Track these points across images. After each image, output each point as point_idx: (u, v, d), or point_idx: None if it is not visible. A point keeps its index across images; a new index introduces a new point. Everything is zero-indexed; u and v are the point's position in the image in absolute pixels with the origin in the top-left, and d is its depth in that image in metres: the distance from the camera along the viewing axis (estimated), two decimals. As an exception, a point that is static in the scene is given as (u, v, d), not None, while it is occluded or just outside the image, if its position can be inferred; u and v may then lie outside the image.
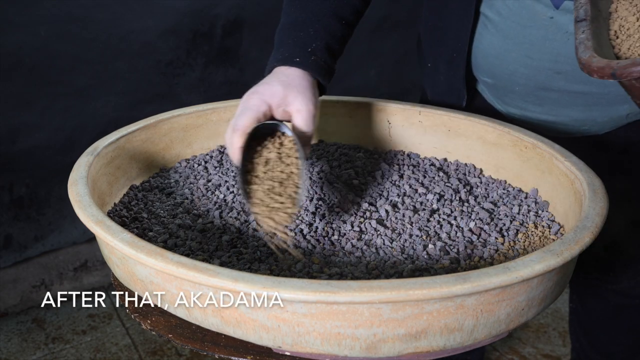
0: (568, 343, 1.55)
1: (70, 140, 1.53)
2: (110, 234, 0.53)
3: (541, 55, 0.77)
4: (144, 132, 0.79)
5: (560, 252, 0.50)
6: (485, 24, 0.81)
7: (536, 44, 0.76)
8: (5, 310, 1.64)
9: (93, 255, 1.73)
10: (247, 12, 1.64)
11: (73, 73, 1.46)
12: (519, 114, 0.86)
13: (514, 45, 0.78)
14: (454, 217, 0.68)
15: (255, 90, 0.65)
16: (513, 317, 0.52)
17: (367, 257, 0.59)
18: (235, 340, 0.53)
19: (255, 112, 0.62)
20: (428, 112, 0.84)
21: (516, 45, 0.78)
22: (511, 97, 0.84)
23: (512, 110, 0.87)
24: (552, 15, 0.74)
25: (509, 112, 0.87)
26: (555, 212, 0.69)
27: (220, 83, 1.69)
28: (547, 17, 0.74)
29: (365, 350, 0.49)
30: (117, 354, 1.51)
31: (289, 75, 0.66)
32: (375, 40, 1.94)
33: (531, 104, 0.83)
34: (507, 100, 0.86)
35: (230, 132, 0.62)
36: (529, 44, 0.77)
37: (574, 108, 0.81)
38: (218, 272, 0.47)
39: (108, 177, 0.72)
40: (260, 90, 0.65)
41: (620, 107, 0.79)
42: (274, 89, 0.65)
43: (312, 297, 0.45)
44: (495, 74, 0.83)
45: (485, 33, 0.81)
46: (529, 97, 0.82)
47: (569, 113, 0.82)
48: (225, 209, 0.70)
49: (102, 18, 1.44)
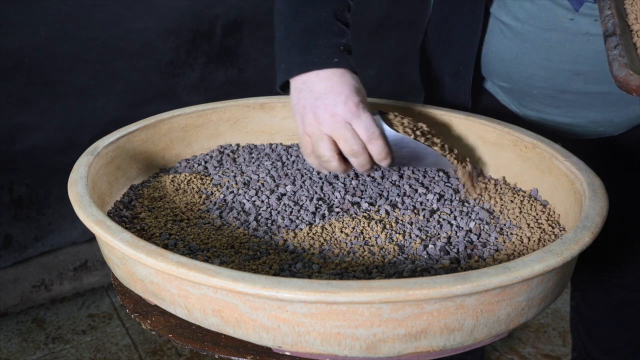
0: (568, 343, 1.55)
1: (70, 140, 1.53)
2: (110, 234, 0.53)
3: (561, 57, 0.77)
4: (144, 132, 0.79)
5: (560, 252, 0.50)
6: (501, 29, 0.81)
7: (556, 46, 0.76)
8: (5, 310, 1.64)
9: (93, 255, 1.73)
10: (247, 12, 1.64)
11: (73, 73, 1.46)
12: (536, 116, 0.86)
13: (533, 48, 0.78)
14: (454, 217, 0.68)
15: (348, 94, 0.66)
16: (513, 317, 0.52)
17: (367, 257, 0.59)
18: (235, 340, 0.53)
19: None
20: (428, 112, 0.84)
21: (535, 49, 0.78)
22: (528, 100, 0.84)
23: (528, 113, 0.87)
24: (572, 17, 0.74)
25: (525, 115, 0.88)
26: (555, 212, 0.69)
27: (220, 83, 1.69)
28: (567, 19, 0.74)
29: (365, 350, 0.49)
30: (117, 354, 1.51)
31: (342, 77, 0.67)
32: (375, 40, 1.94)
33: (548, 106, 0.83)
34: (524, 103, 0.86)
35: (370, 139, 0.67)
36: (548, 46, 0.77)
37: (592, 109, 0.81)
38: (218, 272, 0.47)
39: (108, 177, 0.72)
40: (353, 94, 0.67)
41: (637, 107, 0.80)
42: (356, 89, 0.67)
43: (312, 297, 0.45)
44: (513, 78, 0.83)
45: (502, 38, 0.81)
46: (547, 100, 0.82)
47: (587, 114, 0.82)
48: (225, 209, 0.70)
49: (102, 18, 1.44)
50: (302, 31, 0.69)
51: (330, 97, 0.65)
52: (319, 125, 0.66)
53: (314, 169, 0.78)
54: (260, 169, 0.80)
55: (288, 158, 0.83)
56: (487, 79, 0.89)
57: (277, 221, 0.67)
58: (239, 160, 0.84)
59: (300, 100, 0.68)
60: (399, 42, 2.00)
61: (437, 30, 0.91)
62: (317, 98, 0.66)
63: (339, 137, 0.66)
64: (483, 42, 0.84)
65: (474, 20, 0.82)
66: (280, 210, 0.69)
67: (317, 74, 0.67)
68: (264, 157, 0.84)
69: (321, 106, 0.66)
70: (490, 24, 0.83)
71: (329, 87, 0.66)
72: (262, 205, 0.70)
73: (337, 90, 0.66)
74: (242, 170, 0.80)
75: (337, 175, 0.77)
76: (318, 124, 0.66)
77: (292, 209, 0.69)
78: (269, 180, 0.76)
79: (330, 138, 0.67)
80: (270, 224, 0.66)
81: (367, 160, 0.68)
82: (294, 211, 0.69)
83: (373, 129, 0.66)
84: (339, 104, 0.65)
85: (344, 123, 0.66)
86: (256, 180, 0.76)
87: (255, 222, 0.66)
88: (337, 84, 0.66)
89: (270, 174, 0.77)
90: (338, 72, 0.67)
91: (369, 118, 0.66)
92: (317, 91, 0.66)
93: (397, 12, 1.95)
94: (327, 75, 0.66)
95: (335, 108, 0.65)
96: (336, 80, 0.66)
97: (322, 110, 0.66)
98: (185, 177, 0.76)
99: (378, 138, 0.66)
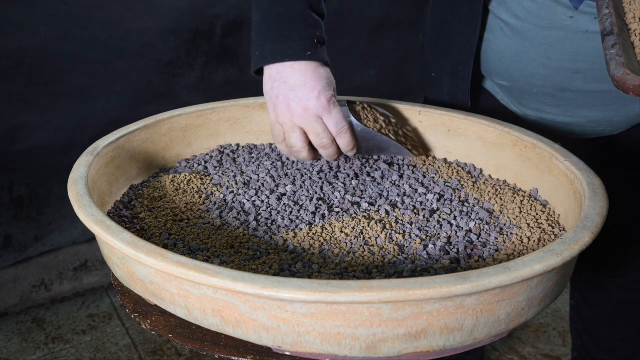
0: (568, 343, 1.55)
1: (70, 140, 1.53)
2: (110, 234, 0.53)
3: (560, 55, 0.77)
4: (144, 132, 0.79)
5: (560, 252, 0.50)
6: (501, 27, 0.81)
7: (555, 44, 0.76)
8: (5, 310, 1.64)
9: (93, 255, 1.73)
10: (247, 12, 1.64)
11: (73, 73, 1.46)
12: (535, 115, 0.86)
13: (533, 46, 0.78)
14: (454, 217, 0.68)
15: (321, 89, 0.69)
16: (513, 317, 0.52)
17: (367, 257, 0.59)
18: (235, 340, 0.53)
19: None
20: (428, 112, 0.84)
21: (535, 47, 0.78)
22: (528, 99, 0.84)
23: (528, 112, 0.87)
24: (572, 15, 0.74)
25: (525, 114, 0.88)
26: (555, 212, 0.69)
27: (220, 83, 1.69)
28: (567, 18, 0.74)
29: (365, 350, 0.49)
30: (117, 354, 1.51)
31: (315, 70, 0.70)
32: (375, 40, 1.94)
33: (548, 105, 0.83)
34: (523, 102, 0.86)
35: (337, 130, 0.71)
36: (548, 45, 0.77)
37: (591, 108, 0.81)
38: (218, 272, 0.47)
39: (108, 177, 0.72)
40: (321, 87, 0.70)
41: (636, 106, 0.80)
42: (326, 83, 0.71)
43: (312, 297, 0.45)
44: (513, 76, 0.83)
45: (501, 36, 0.81)
46: (546, 99, 0.82)
47: (586, 114, 0.82)
48: (225, 209, 0.70)
49: (102, 18, 1.44)
50: (278, 19, 0.71)
51: (303, 91, 0.69)
52: (291, 117, 0.70)
53: (313, 168, 0.79)
54: (260, 169, 0.80)
55: (288, 158, 0.83)
56: (486, 77, 0.89)
57: (277, 221, 0.67)
58: (239, 160, 0.84)
59: (273, 90, 0.71)
60: (399, 42, 2.00)
61: (436, 30, 0.91)
62: (291, 90, 0.69)
63: (310, 130, 0.71)
64: (482, 40, 0.84)
65: (473, 19, 0.82)
66: (280, 210, 0.69)
67: (291, 66, 0.69)
68: (264, 157, 0.84)
69: (295, 99, 0.69)
70: (490, 22, 0.83)
71: (302, 81, 0.69)
72: (262, 205, 0.70)
73: (311, 84, 0.69)
74: (242, 170, 0.80)
75: (337, 175, 0.77)
76: (291, 116, 0.70)
77: (292, 209, 0.69)
78: (269, 180, 0.76)
79: (302, 130, 0.71)
80: (270, 224, 0.66)
81: (335, 151, 0.73)
82: (294, 211, 0.69)
83: (342, 124, 0.71)
84: (312, 99, 0.69)
85: (316, 117, 0.70)
86: (256, 180, 0.76)
87: (255, 222, 0.66)
88: (310, 78, 0.69)
89: (270, 174, 0.77)
90: (312, 65, 0.69)
91: (339, 113, 0.71)
92: (291, 83, 0.69)
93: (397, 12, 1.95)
94: (301, 68, 0.69)
95: (308, 103, 0.69)
96: (310, 74, 0.69)
97: (295, 103, 0.69)
98: (185, 177, 0.76)
99: (346, 132, 0.72)
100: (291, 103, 0.69)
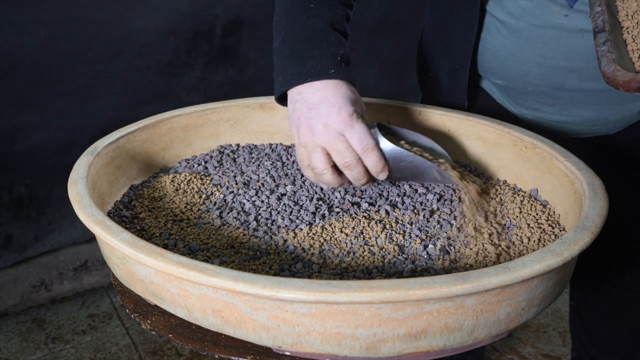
0: (568, 343, 1.55)
1: (70, 140, 1.53)
2: (110, 234, 0.53)
3: (555, 54, 0.77)
4: (144, 132, 0.79)
5: (560, 252, 0.50)
6: (497, 26, 0.81)
7: (550, 43, 0.76)
8: (5, 310, 1.64)
9: (93, 255, 1.73)
10: (247, 12, 1.64)
11: (73, 73, 1.46)
12: (531, 115, 0.86)
13: (528, 45, 0.78)
14: (454, 217, 0.68)
15: (347, 108, 0.65)
16: (513, 317, 0.52)
17: (367, 257, 0.59)
18: (235, 340, 0.53)
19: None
20: (428, 112, 0.84)
21: (530, 45, 0.78)
22: (523, 98, 0.85)
23: (524, 112, 0.87)
24: (567, 13, 0.74)
25: (521, 114, 0.88)
26: (555, 212, 0.69)
27: (220, 83, 1.69)
28: (562, 16, 0.75)
29: (365, 350, 0.49)
30: (117, 354, 1.51)
31: (336, 87, 0.66)
32: (375, 40, 1.94)
33: (544, 105, 0.83)
34: (519, 102, 0.86)
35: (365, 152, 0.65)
36: (542, 43, 0.77)
37: (587, 107, 0.81)
38: (218, 272, 0.47)
39: (108, 177, 0.72)
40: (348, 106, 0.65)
41: (632, 105, 0.80)
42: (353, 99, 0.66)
43: (312, 297, 0.45)
44: (508, 75, 0.83)
45: (497, 35, 0.81)
46: (542, 98, 0.82)
47: (582, 113, 0.82)
48: (225, 209, 0.70)
49: (102, 18, 1.44)
50: (299, 41, 0.68)
51: (323, 107, 0.64)
52: (312, 136, 0.65)
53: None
54: (260, 169, 0.80)
55: (288, 158, 0.83)
56: (483, 77, 0.89)
57: (277, 221, 0.67)
58: (239, 160, 0.84)
59: (295, 111, 0.67)
60: (399, 42, 2.00)
61: (433, 30, 0.91)
62: (310, 109, 0.65)
63: (332, 149, 0.65)
64: (479, 40, 0.84)
65: (470, 18, 0.82)
66: (280, 210, 0.69)
67: (311, 85, 0.66)
68: (264, 157, 0.84)
69: (314, 117, 0.64)
70: (486, 21, 0.83)
71: (322, 98, 0.65)
72: (262, 205, 0.70)
73: (331, 100, 0.64)
74: (242, 170, 0.80)
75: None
76: (312, 135, 0.65)
77: (292, 209, 0.69)
78: (269, 180, 0.76)
79: (324, 150, 0.65)
80: (270, 224, 0.66)
81: (362, 173, 0.66)
82: (294, 211, 0.69)
83: (367, 140, 0.64)
84: (332, 114, 0.64)
85: (337, 134, 0.64)
86: (256, 180, 0.76)
87: (255, 222, 0.66)
88: (330, 95, 0.65)
89: (270, 174, 0.77)
90: (332, 83, 0.65)
91: (363, 129, 0.64)
92: (311, 102, 0.65)
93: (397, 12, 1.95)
94: (321, 86, 0.65)
95: (328, 119, 0.64)
96: (330, 90, 0.65)
97: (315, 120, 0.64)
98: (185, 177, 0.76)
99: (373, 150, 0.65)
100: (311, 122, 0.65)
